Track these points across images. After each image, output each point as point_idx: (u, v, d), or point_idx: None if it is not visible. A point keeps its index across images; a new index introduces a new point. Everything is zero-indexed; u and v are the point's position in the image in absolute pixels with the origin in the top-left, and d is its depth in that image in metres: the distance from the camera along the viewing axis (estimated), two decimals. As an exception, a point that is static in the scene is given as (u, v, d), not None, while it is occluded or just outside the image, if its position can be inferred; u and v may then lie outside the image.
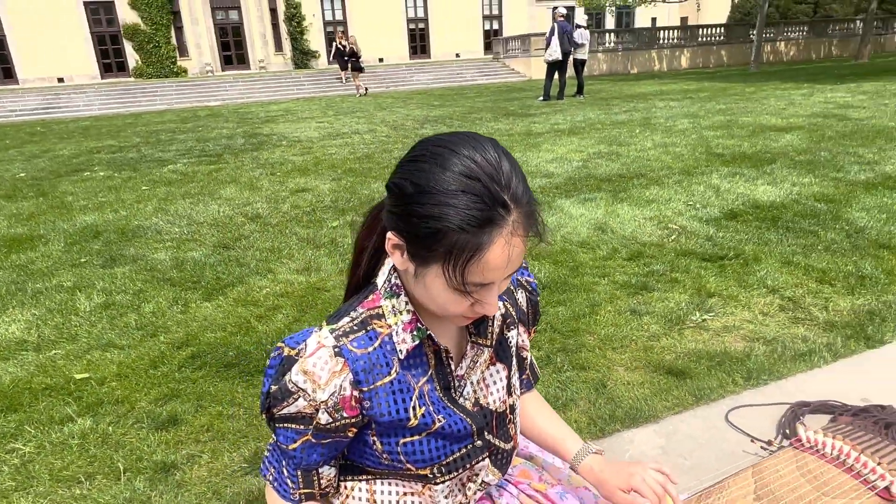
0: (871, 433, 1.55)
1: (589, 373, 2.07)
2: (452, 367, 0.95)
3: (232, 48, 30.34)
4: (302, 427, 0.87)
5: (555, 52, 12.31)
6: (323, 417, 0.85)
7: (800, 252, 3.06)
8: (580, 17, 34.41)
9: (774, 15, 37.53)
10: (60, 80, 28.77)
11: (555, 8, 13.23)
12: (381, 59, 32.85)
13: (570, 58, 12.65)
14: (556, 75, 12.77)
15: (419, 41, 34.63)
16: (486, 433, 0.98)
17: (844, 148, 5.56)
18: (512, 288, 1.07)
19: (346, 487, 1.00)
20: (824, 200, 3.91)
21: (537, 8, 36.16)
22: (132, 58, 30.29)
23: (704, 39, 26.97)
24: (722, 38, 27.17)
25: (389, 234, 0.82)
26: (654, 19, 43.06)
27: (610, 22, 43.02)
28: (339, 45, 18.61)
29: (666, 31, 26.86)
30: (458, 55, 33.97)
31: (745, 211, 3.80)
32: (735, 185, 4.45)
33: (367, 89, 18.48)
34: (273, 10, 30.62)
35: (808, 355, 2.07)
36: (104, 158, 7.98)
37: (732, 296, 2.62)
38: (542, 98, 12.91)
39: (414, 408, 0.90)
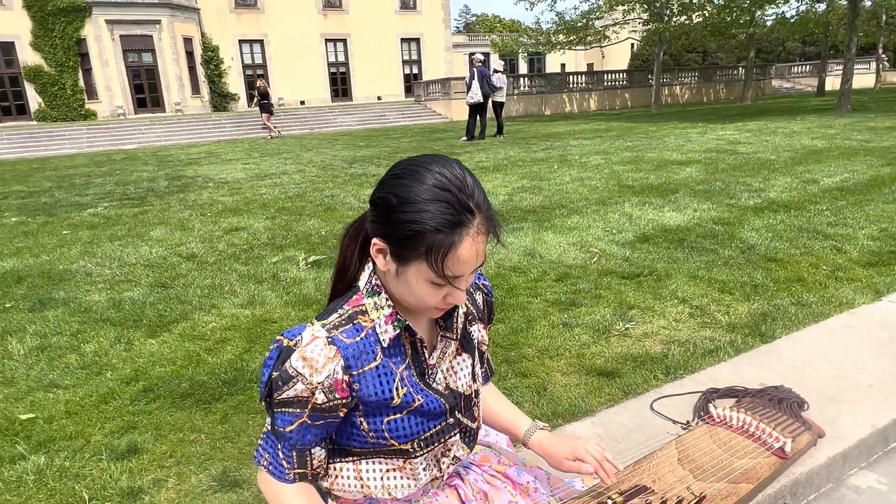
0: (768, 407, 1.84)
1: (530, 379, 2.28)
2: (426, 356, 1.11)
3: (146, 91, 29.42)
4: (298, 410, 1.01)
5: (476, 95, 12.96)
6: (319, 398, 0.99)
7: (703, 268, 3.46)
8: (497, 62, 36.21)
9: (669, 62, 41.03)
10: (-49, 123, 26.78)
11: (472, 54, 13.95)
12: (302, 102, 32.93)
13: (490, 100, 13.34)
14: (478, 117, 13.41)
15: (341, 84, 35.07)
16: (456, 412, 1.15)
17: (735, 178, 6.25)
18: (471, 290, 1.26)
19: (334, 469, 1.13)
20: (721, 223, 4.41)
21: (454, 54, 37.75)
22: (34, 101, 28.70)
23: (610, 84, 29.06)
24: (625, 82, 29.38)
25: (375, 240, 0.99)
26: (563, 65, 45.90)
27: (523, 67, 45.39)
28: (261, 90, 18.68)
29: (575, 76, 28.74)
30: (379, 98, 34.63)
31: (655, 234, 4.22)
32: (645, 212, 4.91)
33: (275, 134, 18.69)
34: (189, 54, 30.12)
35: (715, 351, 2.39)
36: (13, 204, 7.57)
37: (649, 307, 2.94)
38: (465, 138, 13.47)
39: (396, 388, 1.06)
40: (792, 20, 26.47)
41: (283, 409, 1.01)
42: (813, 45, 44.14)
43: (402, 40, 36.38)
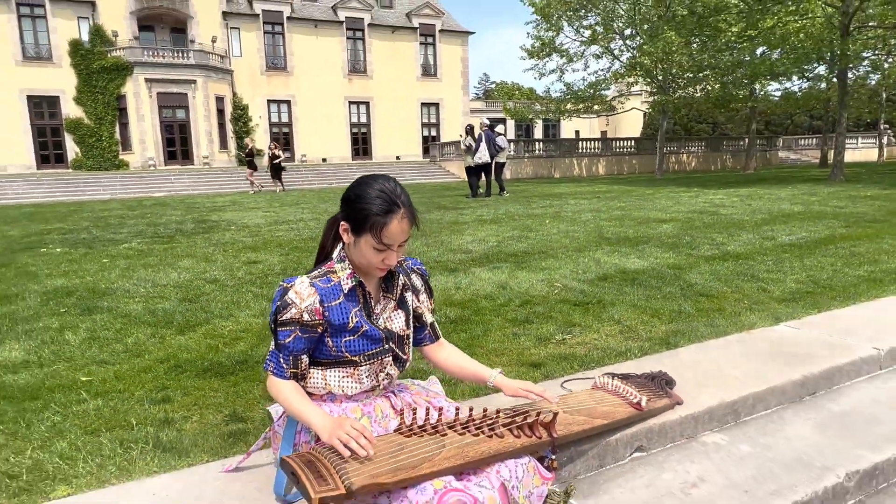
0: (643, 381, 2.43)
1: (476, 368, 2.89)
2: (373, 306, 1.79)
3: (177, 144, 31.21)
4: (293, 327, 1.68)
5: (483, 156, 13.94)
6: (306, 317, 1.66)
7: (643, 299, 4.07)
8: (500, 127, 37.83)
9: (680, 131, 42.32)
10: (-5, 169, 28.55)
11: (482, 119, 15.04)
12: (324, 159, 34.53)
13: (494, 161, 14.32)
14: (483, 176, 14.35)
15: (361, 144, 36.78)
16: (390, 342, 1.81)
17: (704, 234, 6.91)
18: (409, 273, 1.93)
19: (308, 373, 1.78)
20: (674, 268, 5.04)
21: (471, 118, 39.56)
22: (72, 150, 30.53)
23: (618, 150, 30.24)
24: (633, 149, 30.54)
25: (342, 223, 1.70)
26: (577, 132, 47.54)
27: (538, 132, 47.06)
28: (273, 153, 19.95)
29: (586, 142, 29.98)
30: (398, 157, 36.14)
31: (614, 275, 4.86)
32: (612, 258, 5.57)
33: (261, 187, 20.48)
34: (220, 111, 32.05)
35: (625, 353, 2.99)
36: (57, 238, 8.44)
37: (589, 325, 3.55)
38: (471, 195, 14.35)
39: (351, 318, 1.73)
40: (797, 95, 27.74)
41: (283, 327, 1.68)
42: (819, 119, 45.40)
43: (423, 104, 38.32)
